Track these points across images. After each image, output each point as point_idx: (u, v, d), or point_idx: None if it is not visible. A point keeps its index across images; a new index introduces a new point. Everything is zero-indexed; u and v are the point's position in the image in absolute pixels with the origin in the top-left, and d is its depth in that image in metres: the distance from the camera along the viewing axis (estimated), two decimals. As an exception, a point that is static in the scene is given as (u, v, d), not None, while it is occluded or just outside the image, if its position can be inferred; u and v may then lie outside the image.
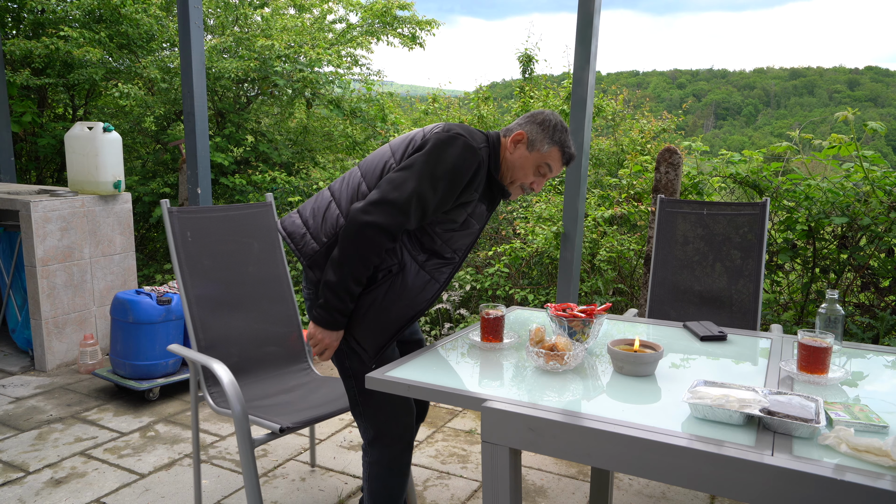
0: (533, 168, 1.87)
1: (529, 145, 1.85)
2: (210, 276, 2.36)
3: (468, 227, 1.87)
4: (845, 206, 3.48)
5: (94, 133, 3.86)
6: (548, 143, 1.85)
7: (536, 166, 1.87)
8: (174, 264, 2.27)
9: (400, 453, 1.88)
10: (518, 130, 1.86)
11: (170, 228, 2.27)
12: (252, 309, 2.46)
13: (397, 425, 1.86)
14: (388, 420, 1.85)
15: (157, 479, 2.64)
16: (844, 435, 1.20)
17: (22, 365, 3.91)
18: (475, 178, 1.77)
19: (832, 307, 1.76)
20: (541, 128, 1.85)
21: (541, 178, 1.89)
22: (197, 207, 2.36)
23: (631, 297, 4.33)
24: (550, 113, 1.89)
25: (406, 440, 1.89)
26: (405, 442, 1.88)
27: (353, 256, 1.69)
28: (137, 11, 6.01)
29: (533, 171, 1.87)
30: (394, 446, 1.86)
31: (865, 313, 3.50)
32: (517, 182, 1.89)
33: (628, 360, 1.61)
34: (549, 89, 7.71)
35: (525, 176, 1.87)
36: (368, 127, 7.13)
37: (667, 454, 1.22)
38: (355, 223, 1.68)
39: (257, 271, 2.51)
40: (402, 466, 1.89)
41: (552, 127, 1.85)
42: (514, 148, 1.86)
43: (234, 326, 2.39)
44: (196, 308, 2.29)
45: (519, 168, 1.87)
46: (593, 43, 3.21)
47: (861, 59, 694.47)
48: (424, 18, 7.46)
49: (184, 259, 2.29)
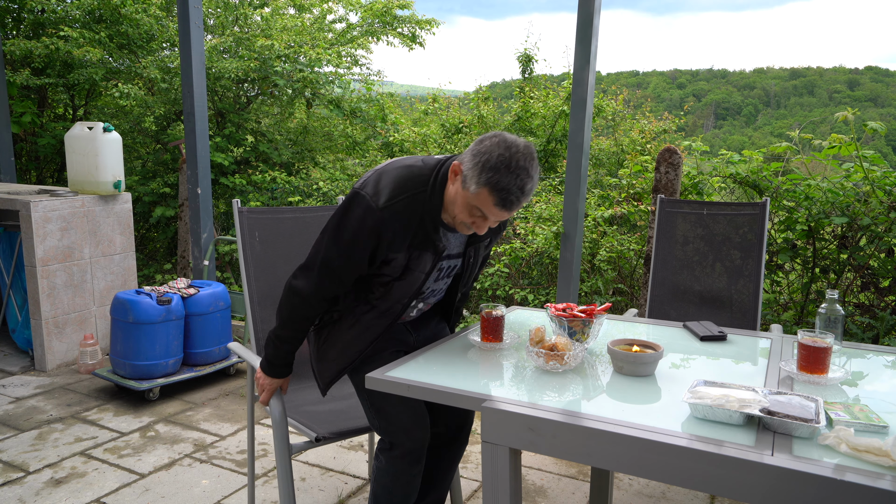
0: (465, 209, 1.61)
1: (463, 181, 1.59)
2: (274, 276, 2.30)
3: (408, 278, 1.73)
4: (845, 206, 3.48)
5: (94, 133, 3.86)
6: (475, 182, 1.55)
7: (467, 208, 1.60)
8: (241, 263, 2.23)
9: (407, 466, 1.81)
10: (456, 161, 1.62)
11: (239, 228, 2.23)
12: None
13: (408, 439, 1.80)
14: (398, 433, 1.80)
15: (157, 479, 2.64)
16: (844, 435, 1.20)
17: (22, 365, 3.91)
18: (381, 239, 1.63)
19: (832, 307, 1.76)
20: (473, 161, 1.56)
21: (480, 220, 1.62)
22: (266, 209, 2.32)
23: (631, 297, 4.33)
24: (495, 143, 1.56)
25: (416, 455, 1.81)
26: (414, 456, 1.81)
27: (280, 316, 1.80)
28: (137, 11, 6.01)
29: (467, 211, 1.61)
30: (402, 459, 1.80)
31: (865, 313, 3.50)
32: (458, 220, 1.64)
33: (628, 360, 1.61)
34: (548, 89, 7.71)
35: (461, 215, 1.62)
36: (368, 127, 7.13)
37: (667, 454, 1.22)
38: (286, 285, 1.77)
39: None
40: (408, 479, 1.83)
41: (484, 164, 1.54)
42: (453, 181, 1.62)
43: None
44: (258, 307, 2.25)
45: (456, 205, 1.62)
46: (593, 43, 3.21)
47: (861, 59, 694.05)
48: (424, 18, 7.46)
49: (250, 258, 2.24)
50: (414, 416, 1.81)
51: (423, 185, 1.66)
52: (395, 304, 1.80)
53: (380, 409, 1.82)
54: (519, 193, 1.56)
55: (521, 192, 1.56)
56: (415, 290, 1.77)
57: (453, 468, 2.09)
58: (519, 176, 1.54)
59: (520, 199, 1.57)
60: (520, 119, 7.25)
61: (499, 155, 1.54)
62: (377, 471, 1.85)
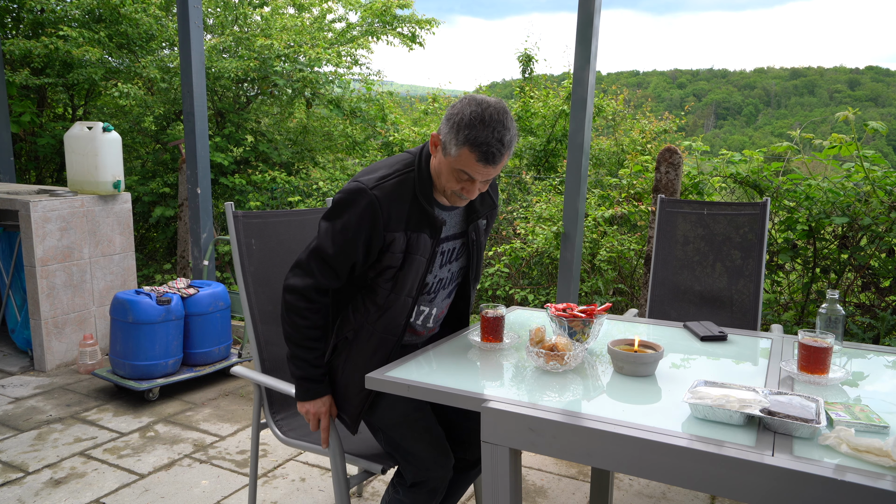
0: (451, 175, 1.63)
1: (443, 149, 1.62)
2: (271, 279, 2.16)
3: (411, 264, 1.70)
4: (846, 206, 3.47)
5: (93, 133, 3.86)
6: (454, 144, 1.58)
7: (453, 173, 1.63)
8: (236, 266, 2.08)
9: (426, 499, 1.76)
10: (434, 132, 1.66)
11: (233, 232, 2.09)
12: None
13: (431, 478, 1.74)
14: (421, 472, 1.74)
15: (156, 480, 2.63)
16: (845, 435, 1.20)
17: (21, 365, 3.91)
18: (375, 220, 1.62)
19: (833, 307, 1.76)
20: (448, 126, 1.59)
21: (467, 183, 1.64)
22: (261, 213, 2.19)
23: (631, 297, 4.32)
24: (466, 102, 1.59)
25: (437, 490, 1.75)
26: (436, 492, 1.76)
27: (285, 330, 1.73)
28: (137, 11, 6.01)
29: (453, 178, 1.64)
30: (422, 493, 1.76)
31: (866, 313, 3.50)
32: (447, 190, 1.67)
33: (628, 360, 1.60)
34: (549, 89, 7.71)
35: (449, 182, 1.65)
36: (368, 127, 7.13)
37: (667, 454, 1.21)
38: (283, 291, 1.72)
39: None
40: None
41: (458, 122, 1.57)
42: (435, 153, 1.67)
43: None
44: (261, 325, 2.09)
45: (441, 175, 1.65)
46: (593, 43, 3.21)
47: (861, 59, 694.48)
48: (424, 17, 7.46)
49: (246, 261, 2.10)
50: (437, 453, 1.76)
51: (410, 165, 1.69)
52: (406, 298, 1.73)
53: (399, 447, 1.76)
54: (499, 145, 1.57)
55: (501, 143, 1.57)
56: (420, 277, 1.72)
57: (467, 487, 2.04)
58: (495, 129, 1.55)
59: (500, 150, 1.57)
60: (520, 119, 7.24)
61: (471, 112, 1.56)
62: (392, 499, 1.78)
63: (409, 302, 1.75)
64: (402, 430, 1.76)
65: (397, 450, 1.77)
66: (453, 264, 1.87)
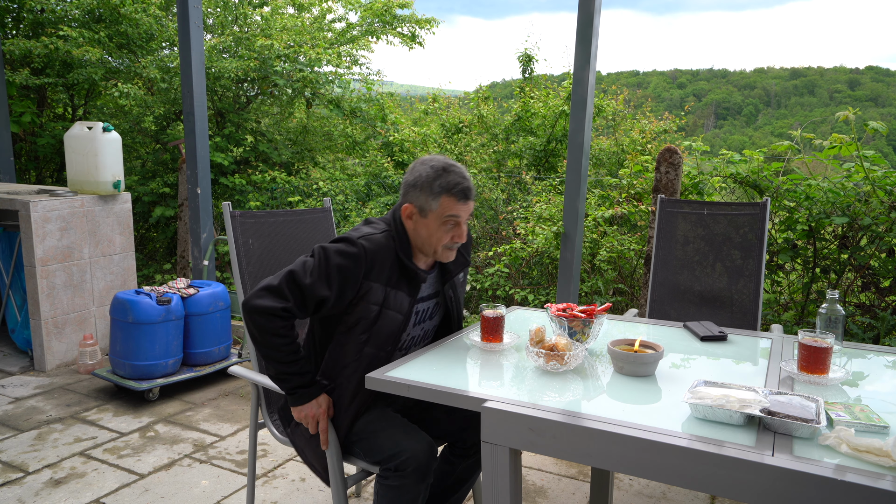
0: (441, 228, 1.77)
1: (421, 212, 1.77)
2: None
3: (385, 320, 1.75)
4: (846, 206, 3.47)
5: (93, 133, 3.86)
6: (432, 198, 1.74)
7: (442, 224, 1.77)
8: (234, 266, 2.09)
9: (413, 484, 1.72)
10: (404, 205, 1.79)
11: (231, 232, 2.10)
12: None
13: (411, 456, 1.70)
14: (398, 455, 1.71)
15: (156, 480, 2.63)
16: (845, 435, 1.20)
17: (21, 365, 3.91)
18: (359, 266, 1.69)
19: (833, 307, 1.76)
20: (418, 190, 1.76)
21: (456, 227, 1.79)
22: (258, 212, 2.20)
23: (631, 297, 4.32)
24: (418, 165, 1.79)
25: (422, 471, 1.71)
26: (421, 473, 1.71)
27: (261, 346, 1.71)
28: (137, 11, 6.01)
29: (443, 230, 1.77)
30: (409, 476, 1.71)
31: (866, 313, 3.49)
32: (438, 248, 1.79)
33: (628, 360, 1.60)
34: (549, 89, 7.70)
35: (440, 240, 1.78)
36: (368, 127, 7.13)
37: (667, 454, 1.21)
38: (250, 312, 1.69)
39: None
40: (415, 495, 1.74)
41: (425, 181, 1.75)
42: (412, 223, 1.79)
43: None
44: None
45: (430, 237, 1.78)
46: (593, 43, 3.20)
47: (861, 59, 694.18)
48: (424, 17, 7.46)
49: (244, 261, 2.11)
50: (411, 430, 1.76)
51: (388, 227, 1.82)
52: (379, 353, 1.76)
53: (375, 436, 1.77)
54: (467, 182, 1.77)
55: (466, 179, 1.77)
56: (395, 334, 1.77)
57: (465, 485, 2.03)
58: (456, 172, 1.76)
59: (470, 186, 1.78)
60: (520, 119, 7.24)
61: (430, 168, 1.76)
62: (381, 487, 1.74)
63: (383, 357, 1.77)
64: (375, 424, 1.79)
65: (374, 441, 1.77)
66: (426, 323, 1.95)
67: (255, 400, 2.10)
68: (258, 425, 2.14)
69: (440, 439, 1.96)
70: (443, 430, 1.96)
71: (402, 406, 1.97)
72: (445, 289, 1.94)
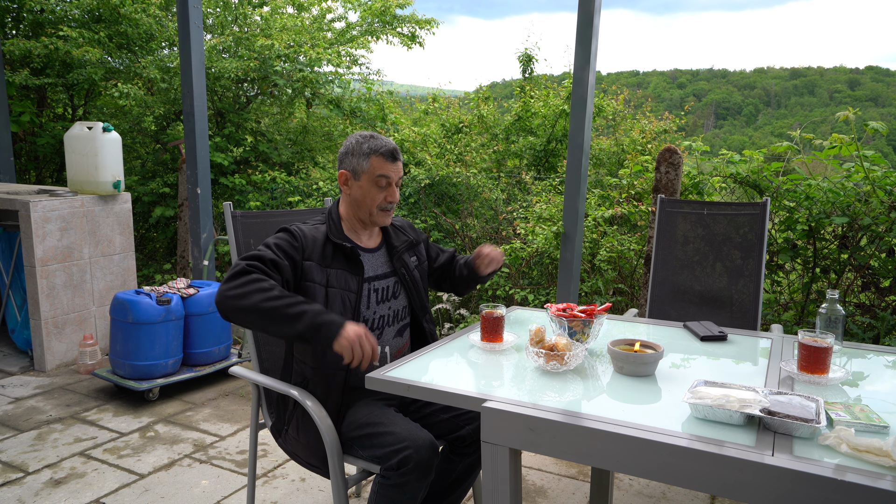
0: (373, 188, 1.92)
1: (354, 175, 1.92)
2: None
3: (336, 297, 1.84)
4: (846, 206, 3.47)
5: (93, 133, 3.86)
6: (364, 160, 1.91)
7: (374, 184, 1.91)
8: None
9: (416, 480, 1.70)
10: (340, 171, 1.95)
11: (231, 232, 2.12)
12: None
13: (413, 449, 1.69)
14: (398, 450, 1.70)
15: (156, 480, 2.63)
16: (845, 435, 1.20)
17: (21, 365, 3.91)
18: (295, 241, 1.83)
19: (833, 307, 1.76)
20: (349, 155, 1.92)
21: (389, 188, 1.93)
22: (259, 213, 2.20)
23: (631, 297, 4.32)
24: (349, 137, 1.97)
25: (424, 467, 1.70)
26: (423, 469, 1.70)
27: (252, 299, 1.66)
28: (137, 11, 6.01)
29: (375, 190, 1.92)
30: (411, 473, 1.70)
31: (866, 313, 3.50)
32: (372, 209, 1.93)
33: (629, 360, 1.60)
34: (549, 89, 7.70)
35: (373, 200, 1.92)
36: (368, 127, 7.13)
37: (667, 454, 1.21)
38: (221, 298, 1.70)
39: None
40: (415, 493, 1.73)
41: (354, 145, 1.92)
42: (348, 188, 1.94)
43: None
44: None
45: (364, 198, 1.92)
46: (593, 43, 3.21)
47: (861, 59, 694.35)
48: (424, 17, 7.46)
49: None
50: (411, 427, 1.75)
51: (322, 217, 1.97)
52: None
53: (375, 434, 1.76)
54: (392, 144, 1.94)
55: (391, 144, 1.95)
56: (351, 311, 1.85)
57: (465, 484, 2.02)
58: (380, 138, 1.94)
59: (396, 148, 1.95)
60: (520, 119, 7.24)
61: (358, 136, 1.95)
62: (381, 487, 1.72)
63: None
64: (375, 421, 1.79)
65: (375, 438, 1.76)
66: (392, 301, 1.99)
67: (256, 400, 2.10)
68: (258, 425, 2.14)
69: (440, 438, 1.97)
70: (442, 429, 1.96)
71: (401, 404, 1.98)
72: (397, 266, 2.01)
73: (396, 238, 2.05)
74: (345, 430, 1.83)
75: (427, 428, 1.91)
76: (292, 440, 1.93)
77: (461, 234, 5.20)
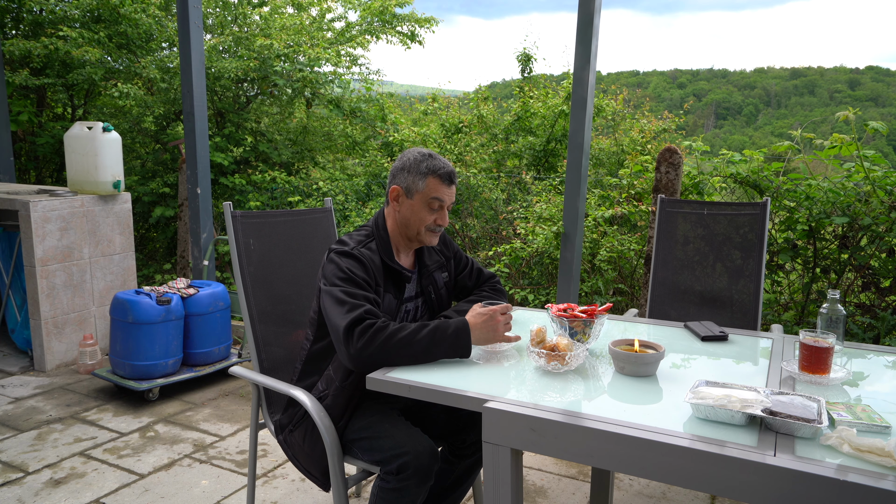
0: (424, 209, 1.86)
1: (407, 193, 1.86)
2: (270, 279, 2.16)
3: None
4: (846, 206, 3.47)
5: (93, 133, 3.86)
6: (420, 179, 1.84)
7: (426, 205, 1.85)
8: (235, 267, 2.09)
9: (415, 486, 1.71)
10: (392, 187, 1.88)
11: (231, 232, 2.10)
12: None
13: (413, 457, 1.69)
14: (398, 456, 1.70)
15: (156, 480, 2.63)
16: (847, 435, 1.19)
17: (21, 365, 3.90)
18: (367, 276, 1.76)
19: (833, 307, 1.76)
20: (405, 172, 1.86)
21: (440, 211, 1.87)
22: (259, 212, 2.20)
23: (631, 297, 4.32)
24: (406, 153, 1.89)
25: (423, 473, 1.70)
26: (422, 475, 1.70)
27: (381, 354, 1.63)
28: (136, 11, 6.01)
29: (426, 211, 1.86)
30: (410, 479, 1.70)
31: (866, 313, 3.49)
32: (420, 229, 1.87)
33: (629, 360, 1.60)
34: (548, 89, 7.70)
35: (422, 221, 1.86)
36: (368, 127, 7.13)
37: (668, 454, 1.21)
38: (358, 360, 1.64)
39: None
40: (413, 498, 1.73)
41: (412, 162, 1.85)
42: (398, 204, 1.88)
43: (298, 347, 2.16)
44: (259, 325, 2.09)
45: (412, 217, 1.86)
46: (593, 43, 3.20)
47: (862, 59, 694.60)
48: (423, 16, 7.46)
49: (245, 262, 2.10)
50: (412, 432, 1.76)
51: (371, 234, 1.88)
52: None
53: (376, 437, 1.76)
54: (451, 167, 1.88)
55: (449, 166, 1.88)
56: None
57: (465, 483, 2.03)
58: (439, 159, 1.88)
59: (454, 171, 1.89)
60: (519, 119, 7.24)
61: (416, 154, 1.87)
62: (380, 491, 1.73)
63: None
64: (377, 424, 1.79)
65: (375, 441, 1.76)
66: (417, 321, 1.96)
67: (256, 400, 2.10)
68: (258, 425, 2.14)
69: (440, 439, 1.96)
70: (442, 430, 1.96)
71: (402, 405, 1.97)
72: (426, 286, 1.98)
73: (429, 258, 2.00)
74: (346, 431, 1.83)
75: (427, 428, 1.91)
76: (296, 444, 1.91)
77: (461, 234, 5.20)
